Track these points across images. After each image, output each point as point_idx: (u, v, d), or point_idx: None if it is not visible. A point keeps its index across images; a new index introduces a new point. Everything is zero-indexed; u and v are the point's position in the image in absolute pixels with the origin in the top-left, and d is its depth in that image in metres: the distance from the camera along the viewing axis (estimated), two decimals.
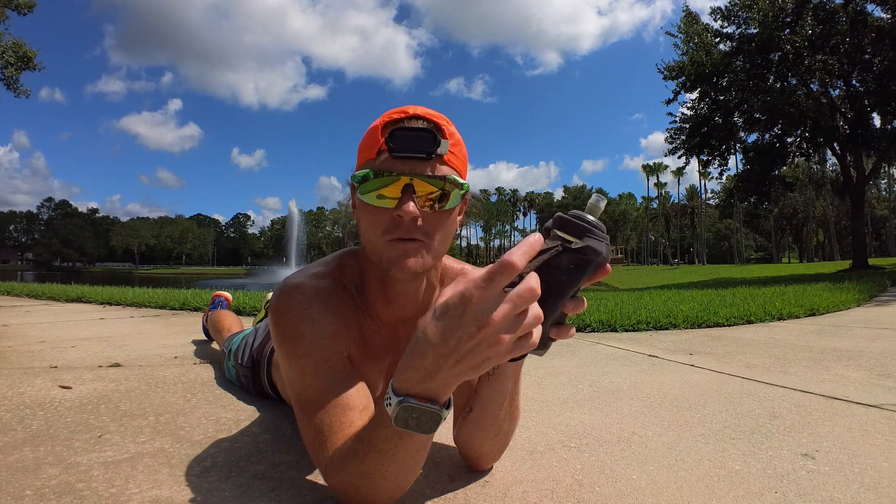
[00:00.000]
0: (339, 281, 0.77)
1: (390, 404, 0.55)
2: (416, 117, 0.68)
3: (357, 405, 0.69)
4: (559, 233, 0.51)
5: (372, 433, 0.61)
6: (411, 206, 0.65)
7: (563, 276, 0.52)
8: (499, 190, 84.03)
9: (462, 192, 0.70)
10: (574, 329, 0.57)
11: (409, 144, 0.65)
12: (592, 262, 0.51)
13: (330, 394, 0.69)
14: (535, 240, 0.50)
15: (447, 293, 0.51)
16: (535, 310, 0.50)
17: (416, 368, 0.53)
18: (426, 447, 0.63)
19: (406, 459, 0.61)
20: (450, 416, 0.94)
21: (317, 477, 0.82)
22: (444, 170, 0.67)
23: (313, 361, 0.70)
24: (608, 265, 0.52)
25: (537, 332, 0.51)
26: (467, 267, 0.88)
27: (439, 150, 0.66)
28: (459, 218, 0.75)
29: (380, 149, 0.66)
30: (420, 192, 0.66)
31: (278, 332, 0.72)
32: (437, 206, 0.68)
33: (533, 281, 0.49)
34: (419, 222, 0.67)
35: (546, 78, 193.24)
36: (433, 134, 0.66)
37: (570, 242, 0.51)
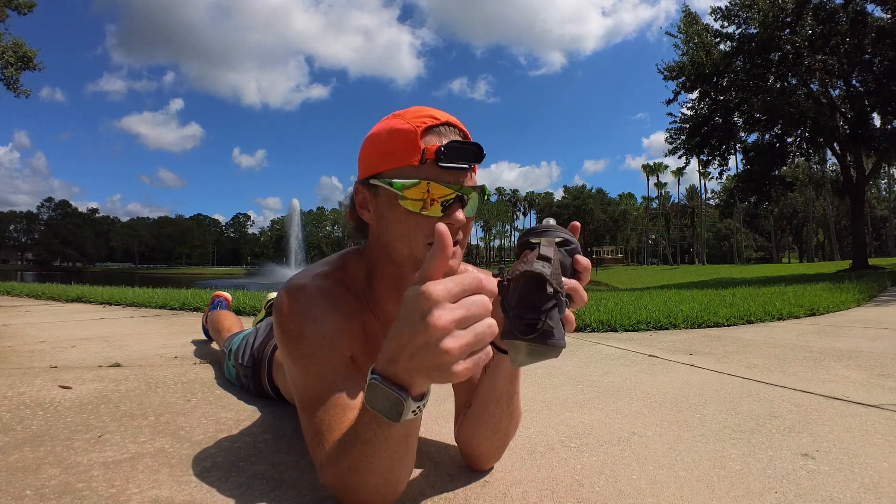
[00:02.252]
0: (343, 280, 0.78)
1: (367, 381, 0.56)
2: (449, 124, 0.71)
3: (358, 405, 0.69)
4: (547, 237, 0.60)
5: (357, 421, 0.62)
6: (461, 214, 0.69)
7: (560, 263, 0.58)
8: (499, 190, 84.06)
9: (486, 196, 0.74)
10: (573, 319, 0.59)
11: (462, 156, 0.68)
12: (575, 248, 0.61)
13: (331, 393, 0.69)
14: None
15: (421, 286, 0.51)
16: (488, 321, 0.51)
17: (386, 348, 0.54)
18: (408, 443, 0.62)
19: (388, 452, 0.61)
20: (450, 415, 0.94)
21: (317, 477, 0.82)
22: (474, 178, 0.72)
23: (316, 361, 0.70)
24: (583, 256, 0.61)
25: (486, 353, 0.51)
26: (470, 268, 0.88)
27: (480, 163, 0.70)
28: None
29: (423, 157, 0.67)
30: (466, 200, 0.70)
31: (282, 333, 0.72)
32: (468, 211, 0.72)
33: (480, 299, 0.51)
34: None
35: (549, 78, 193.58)
36: (479, 146, 0.69)
37: (556, 240, 0.60)
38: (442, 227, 0.52)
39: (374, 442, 0.60)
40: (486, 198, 0.74)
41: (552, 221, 0.64)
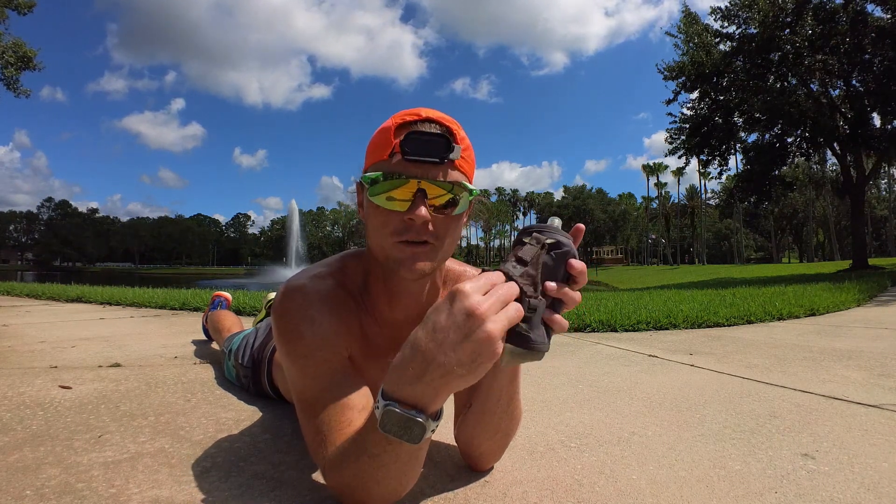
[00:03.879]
0: (341, 282, 0.78)
1: (378, 408, 0.56)
2: (430, 120, 0.68)
3: (357, 404, 0.69)
4: (535, 237, 0.59)
5: (364, 436, 0.62)
6: (423, 210, 0.65)
7: (547, 266, 0.58)
8: (499, 190, 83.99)
9: (471, 197, 0.71)
10: (566, 322, 0.59)
11: (423, 149, 0.65)
12: (567, 251, 0.59)
13: (330, 393, 0.69)
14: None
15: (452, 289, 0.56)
16: (516, 305, 0.55)
17: (404, 369, 0.55)
18: (418, 457, 0.63)
19: (398, 466, 0.61)
20: (450, 415, 0.94)
21: (317, 477, 0.82)
22: (454, 175, 0.68)
23: (314, 361, 0.70)
24: (578, 259, 0.59)
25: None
26: (468, 268, 0.88)
27: (451, 156, 0.66)
28: (465, 221, 0.75)
29: (392, 151, 0.66)
30: (431, 196, 0.67)
31: (279, 333, 0.73)
32: (446, 210, 0.69)
33: (507, 287, 0.55)
34: (430, 226, 0.68)
35: (552, 78, 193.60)
36: (447, 139, 0.66)
37: (545, 241, 0.59)
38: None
39: (383, 458, 0.60)
40: (472, 196, 0.71)
41: (556, 222, 0.61)
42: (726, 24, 11.90)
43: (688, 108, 13.09)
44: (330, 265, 0.80)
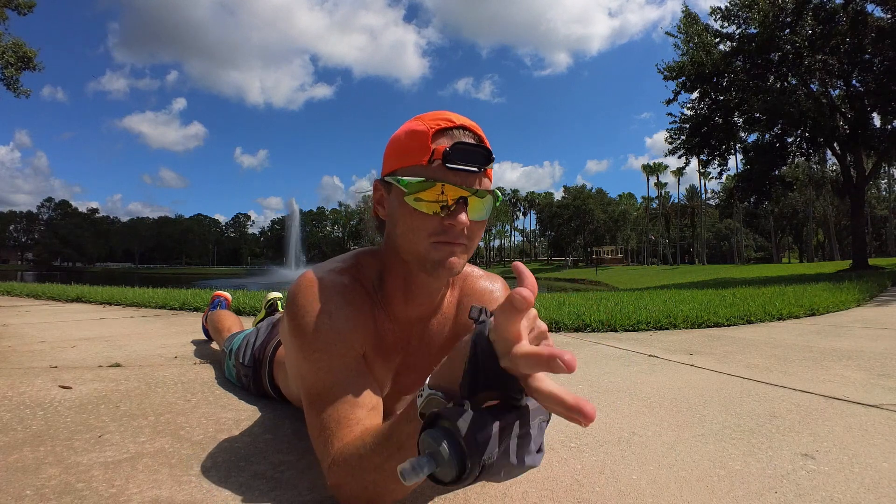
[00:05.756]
0: (357, 277, 0.78)
1: (422, 395, 0.57)
2: (464, 128, 0.71)
3: (367, 404, 0.69)
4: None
5: (396, 428, 0.62)
6: (464, 216, 0.68)
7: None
8: (499, 189, 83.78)
9: (497, 202, 0.74)
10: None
11: (468, 159, 0.68)
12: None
13: (341, 390, 0.69)
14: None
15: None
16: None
17: (445, 367, 0.56)
18: None
19: None
20: None
21: (317, 477, 0.82)
22: (486, 183, 0.72)
23: (328, 356, 0.70)
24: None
25: None
26: (475, 269, 0.89)
27: (490, 167, 0.70)
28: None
29: (432, 157, 0.68)
30: (471, 204, 0.70)
31: (294, 325, 0.71)
32: (479, 215, 0.71)
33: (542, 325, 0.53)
34: (464, 230, 0.70)
35: (554, 78, 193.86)
36: (487, 150, 0.69)
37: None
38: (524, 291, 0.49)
39: (411, 448, 0.60)
40: (498, 202, 0.74)
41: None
42: (726, 24, 11.92)
43: (688, 108, 13.10)
44: (345, 260, 0.80)
